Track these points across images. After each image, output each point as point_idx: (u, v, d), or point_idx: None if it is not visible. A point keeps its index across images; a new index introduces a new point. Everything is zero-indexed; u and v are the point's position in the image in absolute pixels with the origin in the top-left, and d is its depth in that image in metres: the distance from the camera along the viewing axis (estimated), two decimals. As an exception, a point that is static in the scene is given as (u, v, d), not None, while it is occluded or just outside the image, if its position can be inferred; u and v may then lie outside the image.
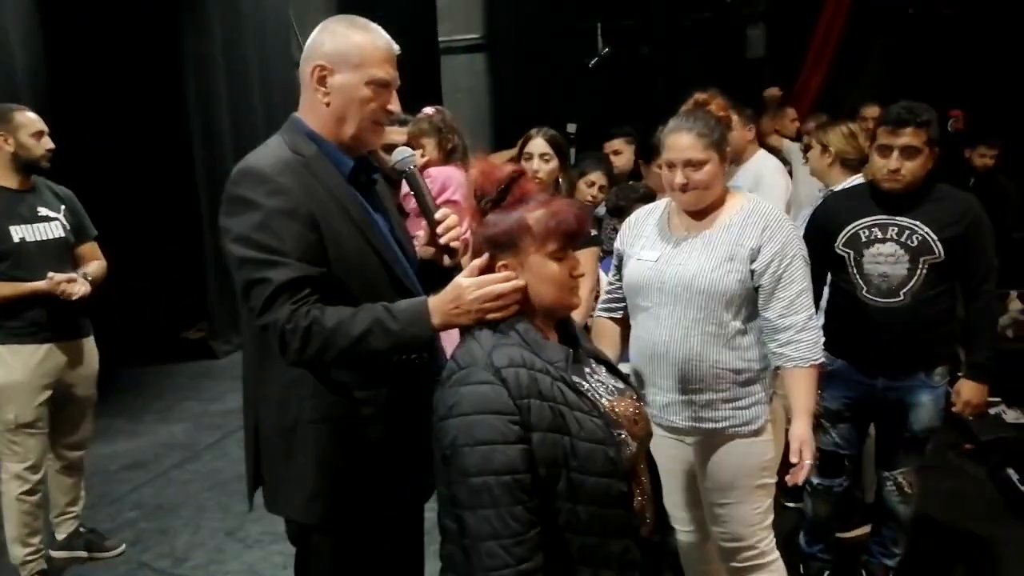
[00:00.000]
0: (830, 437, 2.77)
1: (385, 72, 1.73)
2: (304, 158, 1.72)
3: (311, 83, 1.73)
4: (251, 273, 1.62)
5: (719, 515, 2.28)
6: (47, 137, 3.09)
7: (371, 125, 1.75)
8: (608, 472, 1.50)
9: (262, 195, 1.63)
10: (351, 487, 1.75)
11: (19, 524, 3.11)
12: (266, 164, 1.68)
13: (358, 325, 1.58)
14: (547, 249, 1.56)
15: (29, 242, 3.03)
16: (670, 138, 2.19)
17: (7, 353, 3.01)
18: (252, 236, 1.61)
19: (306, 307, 1.59)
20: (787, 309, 2.13)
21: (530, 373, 1.48)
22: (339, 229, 1.68)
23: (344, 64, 1.71)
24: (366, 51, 1.71)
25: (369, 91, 1.72)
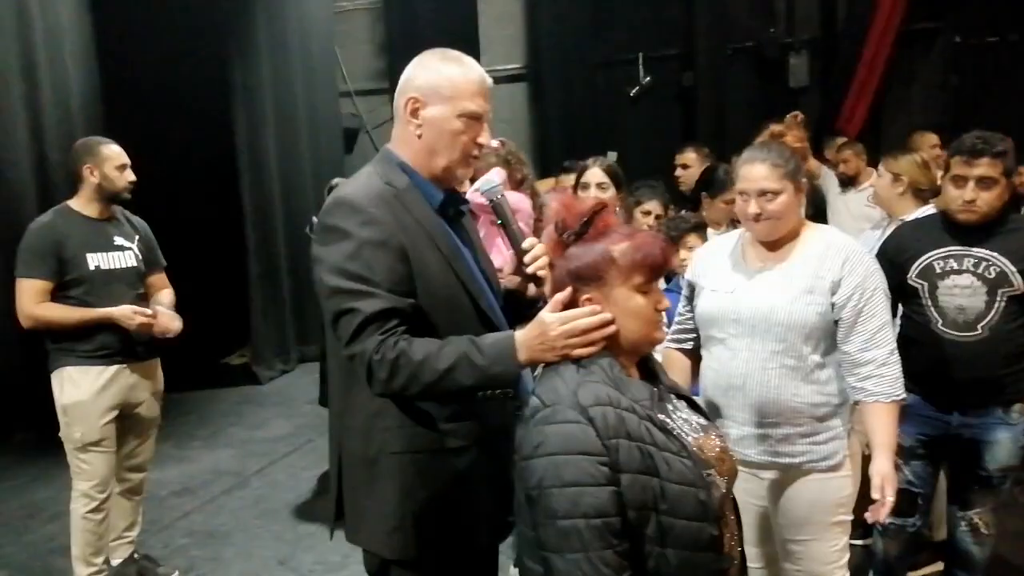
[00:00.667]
0: (902, 474, 2.69)
1: (477, 105, 1.73)
2: (396, 189, 1.73)
3: (404, 115, 1.75)
4: (341, 303, 1.62)
5: (794, 552, 2.22)
6: (130, 170, 3.22)
7: (462, 157, 1.76)
8: (699, 516, 1.45)
9: (355, 225, 1.63)
10: (432, 521, 1.73)
11: (84, 543, 3.15)
12: (359, 195, 1.69)
13: (445, 359, 1.57)
14: (632, 282, 1.53)
15: (104, 269, 3.14)
16: (744, 168, 2.17)
17: (77, 374, 3.10)
18: (344, 266, 1.62)
19: (394, 338, 1.58)
20: (868, 343, 2.09)
21: (617, 412, 1.44)
22: (428, 261, 1.68)
23: (436, 96, 1.72)
24: (458, 84, 1.72)
25: (461, 124, 1.72)
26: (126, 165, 3.21)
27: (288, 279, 6.72)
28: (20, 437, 4.74)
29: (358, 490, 1.79)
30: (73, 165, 3.21)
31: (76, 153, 3.22)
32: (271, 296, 6.68)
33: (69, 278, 3.08)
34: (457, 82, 1.72)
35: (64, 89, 5.05)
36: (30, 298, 3.05)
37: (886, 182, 3.23)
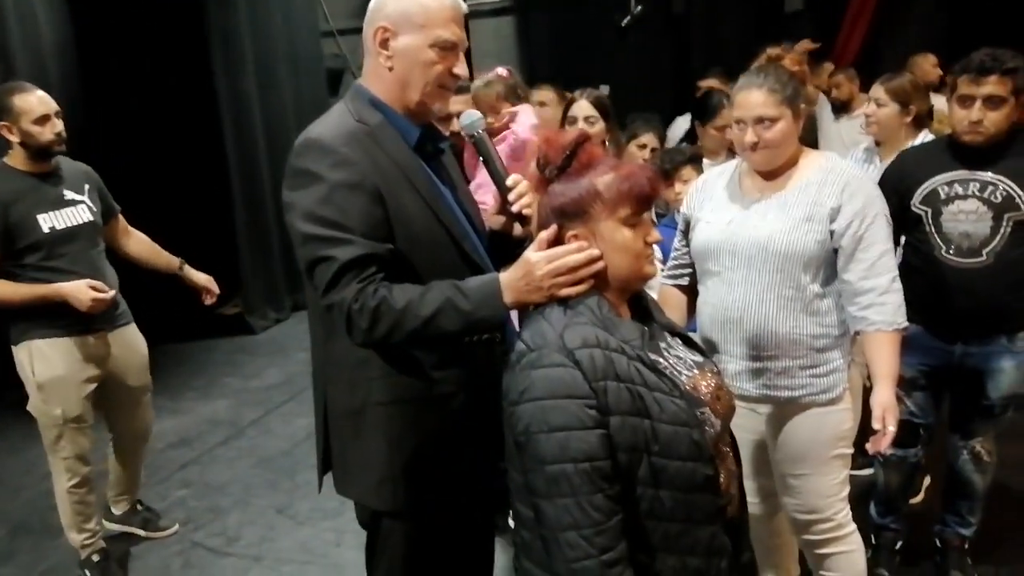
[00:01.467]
0: (904, 406, 2.64)
1: (451, 32, 1.63)
2: (369, 127, 1.64)
3: (373, 46, 1.65)
4: (315, 251, 1.54)
5: (793, 486, 2.19)
6: (55, 120, 2.84)
7: (436, 90, 1.66)
8: (693, 456, 1.40)
9: (326, 167, 1.55)
10: (422, 471, 1.70)
11: (72, 513, 3.09)
12: (330, 134, 1.60)
13: (428, 305, 1.50)
14: (619, 215, 1.46)
15: (59, 230, 2.87)
16: (740, 95, 2.07)
17: (46, 347, 2.90)
18: (316, 211, 1.54)
19: (373, 286, 1.51)
20: (869, 271, 2.03)
21: (605, 354, 1.39)
22: (405, 202, 1.60)
23: (407, 25, 1.61)
24: (431, 10, 1.61)
25: (434, 53, 1.62)
26: (48, 115, 2.81)
27: (276, 226, 6.62)
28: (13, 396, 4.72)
29: (345, 442, 1.74)
30: None
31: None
32: (260, 244, 6.59)
33: (21, 245, 2.79)
34: (430, 9, 1.61)
35: (35, 34, 4.88)
36: None
37: (892, 111, 3.11)
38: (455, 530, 1.78)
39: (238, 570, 3.17)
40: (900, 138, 3.12)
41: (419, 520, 1.74)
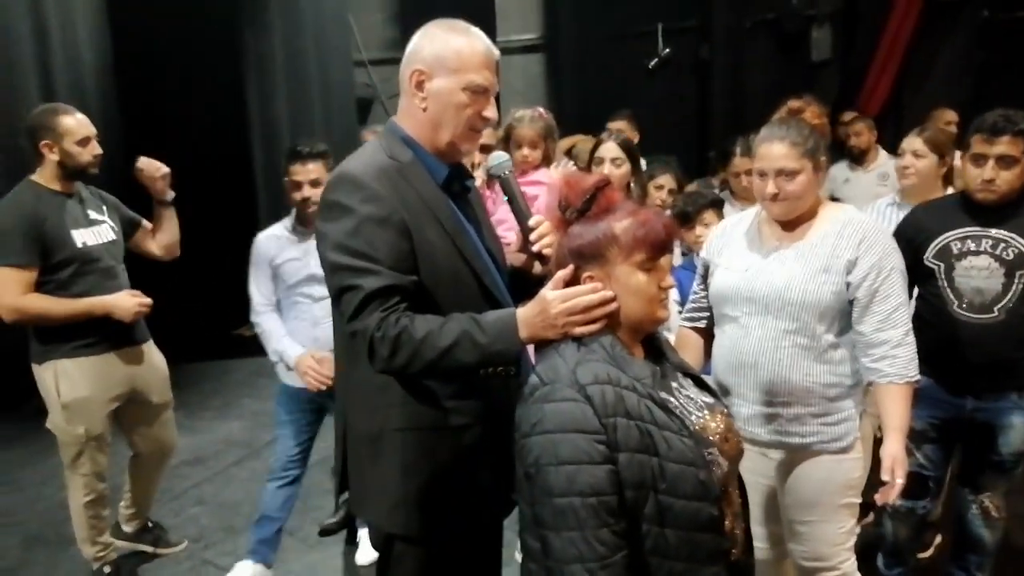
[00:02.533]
0: (914, 458, 2.65)
1: (483, 77, 1.70)
2: (400, 164, 1.71)
3: (409, 88, 1.73)
4: (343, 280, 1.61)
5: (801, 533, 2.20)
6: (94, 142, 2.93)
7: (467, 132, 1.73)
8: (699, 495, 1.43)
9: (356, 201, 1.62)
10: (435, 499, 1.73)
11: (87, 527, 3.12)
12: (361, 170, 1.67)
13: (446, 337, 1.56)
14: (634, 259, 1.51)
15: (90, 246, 2.94)
16: (762, 147, 2.12)
17: (72, 367, 2.93)
18: (345, 242, 1.60)
19: (395, 315, 1.57)
20: (883, 323, 2.06)
21: (616, 391, 1.42)
22: (431, 238, 1.66)
23: (442, 69, 1.69)
24: (464, 55, 1.69)
25: (466, 97, 1.69)
26: (89, 138, 2.90)
27: (300, 251, 6.69)
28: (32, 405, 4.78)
29: (362, 465, 1.78)
30: (30, 139, 2.86)
31: (32, 126, 2.86)
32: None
33: (56, 260, 2.83)
34: (463, 54, 1.69)
35: (76, 54, 5.02)
36: (12, 289, 2.76)
37: (931, 162, 3.08)
38: (466, 558, 1.81)
39: (247, 589, 3.19)
40: (935, 190, 3.09)
41: (431, 546, 1.77)
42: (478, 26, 1.76)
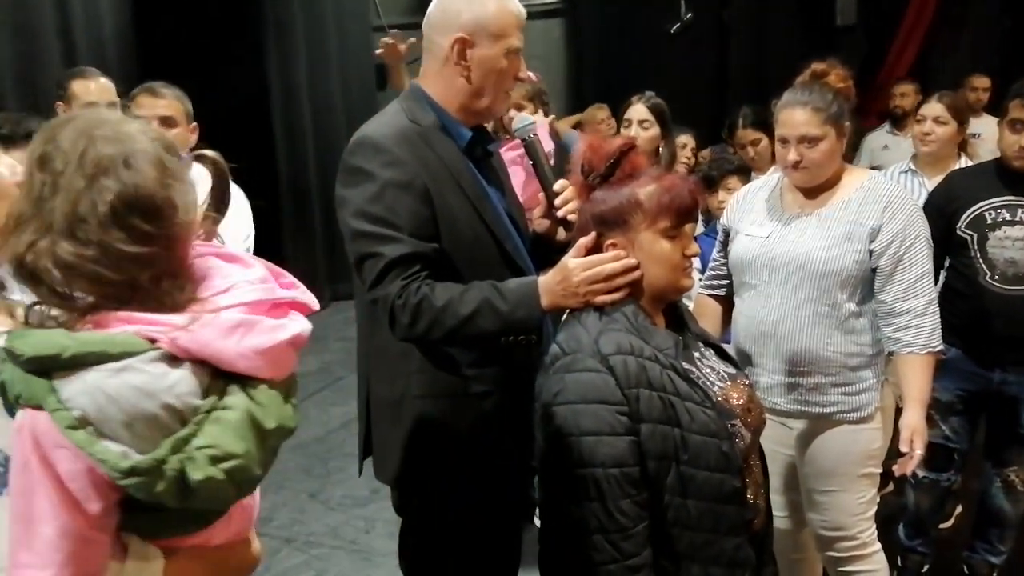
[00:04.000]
0: (939, 429, 2.62)
1: (518, 39, 1.68)
2: (421, 127, 1.68)
3: (450, 55, 1.66)
4: (364, 247, 1.60)
5: (820, 502, 2.19)
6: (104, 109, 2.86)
7: (503, 95, 1.73)
8: (721, 467, 1.43)
9: (378, 166, 1.60)
10: (456, 464, 1.73)
11: None
12: (383, 133, 1.65)
13: (467, 304, 1.55)
14: (659, 226, 1.48)
15: None
16: (783, 113, 2.07)
17: None
18: (367, 208, 1.59)
19: (416, 283, 1.56)
20: (906, 292, 2.03)
21: (639, 361, 1.41)
22: (452, 203, 1.65)
23: (484, 34, 1.65)
24: (505, 19, 1.66)
25: (506, 62, 1.67)
26: (95, 104, 2.75)
27: (320, 218, 6.71)
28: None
29: (384, 430, 1.79)
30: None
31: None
32: (303, 234, 6.68)
33: None
34: (503, 17, 1.66)
35: (96, 20, 5.01)
36: None
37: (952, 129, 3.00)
38: (485, 524, 1.81)
39: (268, 550, 3.22)
40: (951, 158, 3.05)
41: (451, 511, 1.77)
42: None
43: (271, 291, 0.99)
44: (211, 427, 0.91)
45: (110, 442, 0.88)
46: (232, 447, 0.90)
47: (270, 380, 0.97)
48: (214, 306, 0.95)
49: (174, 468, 0.88)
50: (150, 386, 0.89)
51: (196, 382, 0.92)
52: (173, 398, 0.90)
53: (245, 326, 0.94)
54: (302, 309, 1.04)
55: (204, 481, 0.88)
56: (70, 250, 0.90)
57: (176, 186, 0.96)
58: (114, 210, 0.91)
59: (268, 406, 0.95)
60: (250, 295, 0.97)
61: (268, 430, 0.94)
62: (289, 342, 0.98)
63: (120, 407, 0.88)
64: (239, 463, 0.91)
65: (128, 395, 0.88)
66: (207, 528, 1.02)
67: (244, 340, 0.93)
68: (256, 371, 0.95)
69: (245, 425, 0.92)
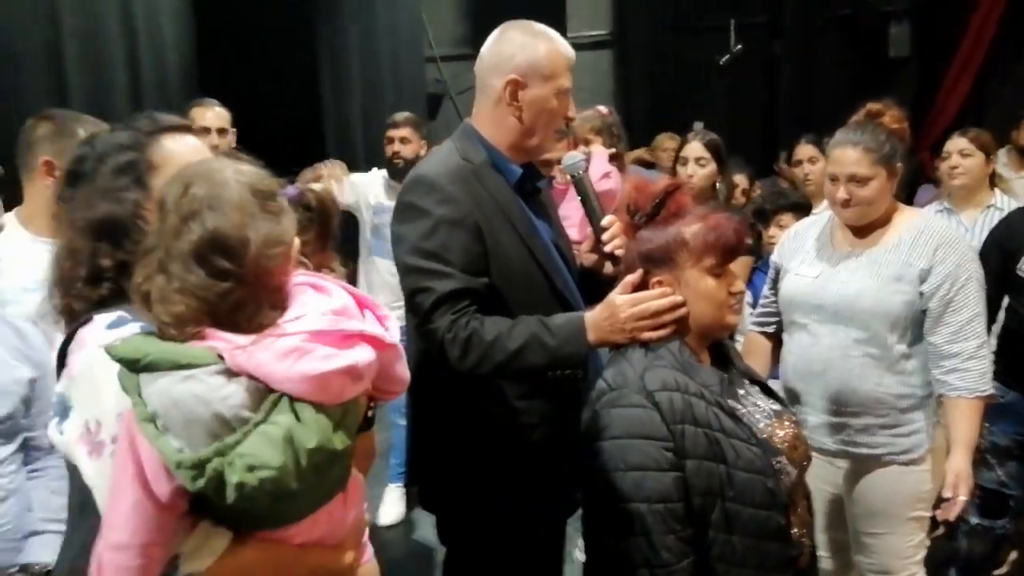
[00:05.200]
0: (995, 474, 2.58)
1: (567, 81, 1.74)
2: (473, 166, 1.73)
3: (503, 96, 1.73)
4: (416, 282, 1.65)
5: (868, 544, 2.16)
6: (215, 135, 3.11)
7: (552, 133, 1.78)
8: (766, 504, 1.43)
9: (431, 203, 1.65)
10: (501, 494, 1.75)
11: None
12: (436, 172, 1.70)
13: (515, 339, 1.59)
14: (704, 264, 1.51)
15: None
16: (835, 151, 2.09)
17: None
18: (420, 244, 1.64)
19: (466, 318, 1.60)
20: (956, 335, 2.01)
21: (684, 398, 1.43)
22: (503, 239, 1.69)
23: (536, 76, 1.71)
24: (555, 61, 1.71)
25: (556, 102, 1.73)
26: (208, 130, 3.10)
27: (368, 242, 6.83)
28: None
29: (432, 459, 1.82)
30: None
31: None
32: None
33: None
34: (554, 59, 1.71)
35: (161, 50, 5.21)
36: None
37: (979, 160, 3.03)
38: (528, 555, 1.82)
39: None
40: (983, 191, 3.03)
41: (495, 542, 1.79)
42: (548, 22, 1.79)
43: (337, 323, 1.06)
44: (254, 438, 1.00)
45: (172, 438, 1.01)
46: (268, 459, 0.99)
47: (320, 403, 1.03)
48: (280, 331, 1.04)
49: (215, 469, 0.98)
50: (206, 395, 1.01)
51: (247, 396, 1.02)
52: (224, 408, 1.01)
53: (299, 352, 1.02)
54: (373, 342, 1.09)
55: (238, 485, 0.98)
56: (162, 284, 1.05)
57: (258, 225, 1.07)
58: (196, 250, 1.04)
59: (311, 426, 1.02)
60: (316, 324, 1.04)
61: (308, 449, 1.01)
62: (341, 371, 1.03)
63: (180, 410, 1.01)
64: (272, 474, 0.99)
65: (188, 400, 1.00)
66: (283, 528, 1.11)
67: (295, 365, 1.02)
68: (303, 394, 1.02)
69: (285, 441, 1.00)
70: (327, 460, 1.05)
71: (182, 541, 1.08)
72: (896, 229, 2.10)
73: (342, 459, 1.11)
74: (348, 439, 1.07)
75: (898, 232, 2.09)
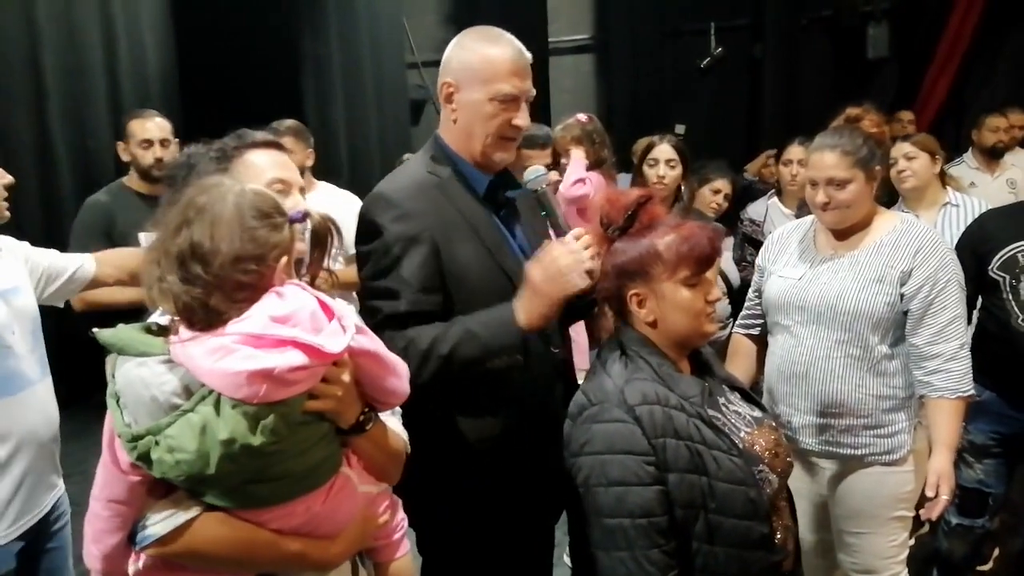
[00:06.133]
0: (973, 473, 2.60)
1: (511, 86, 1.68)
2: (439, 178, 1.72)
3: (442, 100, 1.74)
4: (369, 301, 1.66)
5: (850, 544, 2.19)
6: (158, 146, 3.07)
7: (497, 141, 1.72)
8: (748, 514, 1.44)
9: (388, 220, 1.64)
10: (479, 502, 1.73)
11: None
12: (397, 187, 1.70)
13: (449, 340, 1.59)
14: (679, 276, 1.51)
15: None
16: (814, 155, 2.12)
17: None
18: (375, 264, 1.64)
19: (403, 331, 1.59)
20: (936, 336, 2.03)
21: (665, 411, 1.44)
22: (466, 255, 1.67)
23: (469, 80, 1.69)
24: (493, 65, 1.68)
25: (493, 107, 1.68)
26: (151, 142, 3.07)
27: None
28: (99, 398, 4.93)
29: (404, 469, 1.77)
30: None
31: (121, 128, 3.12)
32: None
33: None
34: (492, 62, 1.68)
35: (142, 60, 5.19)
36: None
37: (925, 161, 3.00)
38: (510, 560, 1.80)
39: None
40: (936, 192, 3.05)
41: (474, 548, 1.77)
42: (530, 26, 1.76)
43: (270, 327, 1.12)
44: (179, 424, 1.12)
45: (127, 413, 1.16)
46: (185, 444, 1.11)
47: (240, 401, 1.11)
48: (221, 331, 1.14)
49: (145, 445, 1.13)
50: (149, 380, 1.15)
51: (180, 386, 1.14)
52: (159, 393, 1.14)
53: (223, 350, 1.11)
54: (307, 350, 1.13)
55: (157, 462, 1.13)
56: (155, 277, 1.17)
57: (239, 241, 1.16)
58: (179, 254, 1.16)
59: (227, 421, 1.11)
60: (251, 327, 1.13)
61: (220, 440, 1.11)
62: (257, 373, 1.09)
63: (132, 390, 1.16)
64: (187, 457, 1.11)
65: (136, 383, 1.15)
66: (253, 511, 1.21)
67: (217, 363, 1.11)
68: (221, 389, 1.12)
69: (200, 430, 1.11)
70: (244, 454, 1.13)
71: (151, 504, 1.20)
72: (877, 232, 2.12)
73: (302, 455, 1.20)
74: (270, 437, 1.13)
75: (879, 235, 2.11)
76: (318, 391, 1.19)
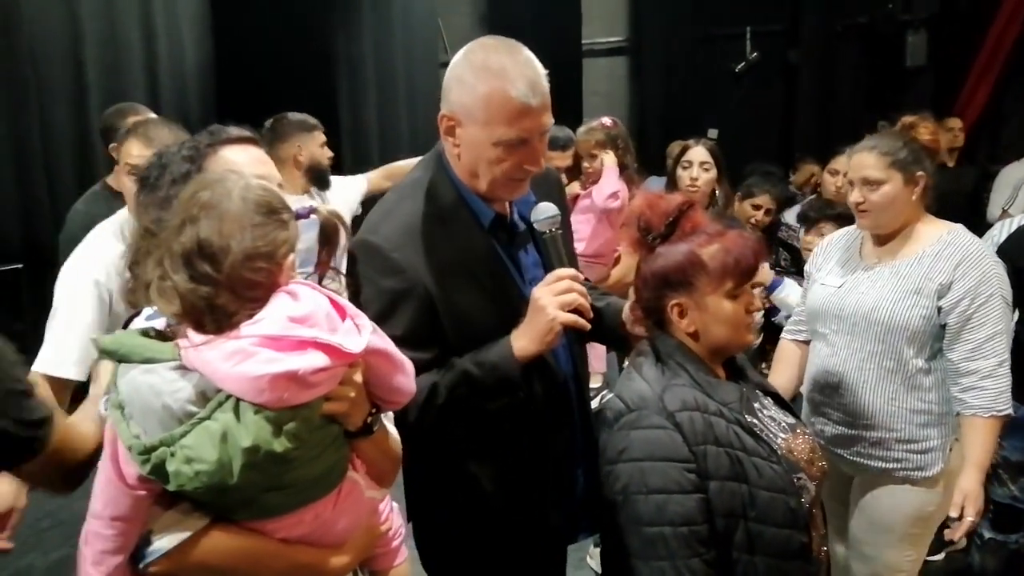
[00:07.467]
0: (1008, 490, 2.56)
1: (517, 131, 1.47)
2: (439, 210, 1.58)
3: (442, 132, 1.56)
4: None
5: (863, 553, 2.17)
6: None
7: (507, 182, 1.55)
8: (789, 523, 1.43)
9: (376, 274, 1.54)
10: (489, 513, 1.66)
11: None
12: (387, 235, 1.55)
13: (447, 386, 1.52)
14: (724, 288, 1.49)
15: None
16: (853, 156, 2.12)
17: None
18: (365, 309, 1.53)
19: None
20: (973, 352, 1.99)
21: (705, 418, 1.43)
22: (465, 299, 1.56)
23: (470, 119, 1.50)
24: (493, 107, 1.46)
25: (499, 152, 1.49)
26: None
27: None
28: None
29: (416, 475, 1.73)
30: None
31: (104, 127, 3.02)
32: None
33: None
34: (493, 104, 1.46)
35: (180, 60, 5.26)
36: None
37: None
38: None
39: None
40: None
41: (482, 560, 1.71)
42: (562, 28, 1.62)
43: (290, 328, 1.08)
44: (197, 433, 1.06)
45: (134, 424, 1.09)
46: (204, 454, 1.06)
47: (261, 405, 1.06)
48: (236, 333, 1.08)
49: (159, 456, 1.06)
50: (160, 387, 1.08)
51: (196, 393, 1.08)
52: (172, 401, 1.08)
53: (242, 354, 1.06)
54: (328, 350, 1.09)
55: (175, 474, 1.06)
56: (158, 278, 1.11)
57: (248, 238, 1.11)
58: (185, 252, 1.10)
59: (248, 427, 1.06)
60: (269, 329, 1.08)
61: (242, 448, 1.06)
62: (281, 375, 1.06)
63: (140, 399, 1.09)
64: (207, 468, 1.06)
65: (145, 391, 1.09)
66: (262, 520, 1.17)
67: (237, 366, 1.06)
68: (242, 394, 1.07)
69: (221, 438, 1.06)
70: (268, 461, 1.08)
71: (156, 519, 1.14)
72: (921, 241, 2.08)
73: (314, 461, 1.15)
74: (293, 443, 1.09)
75: (923, 244, 2.07)
76: (333, 393, 1.15)
